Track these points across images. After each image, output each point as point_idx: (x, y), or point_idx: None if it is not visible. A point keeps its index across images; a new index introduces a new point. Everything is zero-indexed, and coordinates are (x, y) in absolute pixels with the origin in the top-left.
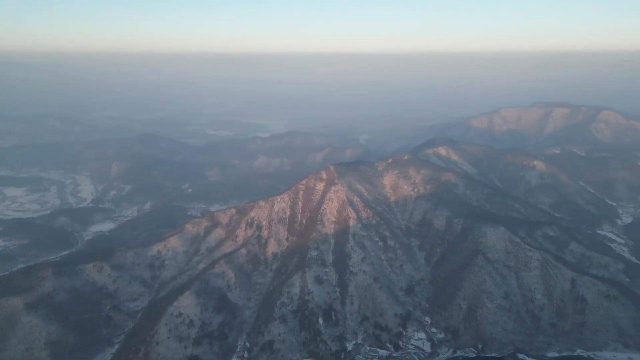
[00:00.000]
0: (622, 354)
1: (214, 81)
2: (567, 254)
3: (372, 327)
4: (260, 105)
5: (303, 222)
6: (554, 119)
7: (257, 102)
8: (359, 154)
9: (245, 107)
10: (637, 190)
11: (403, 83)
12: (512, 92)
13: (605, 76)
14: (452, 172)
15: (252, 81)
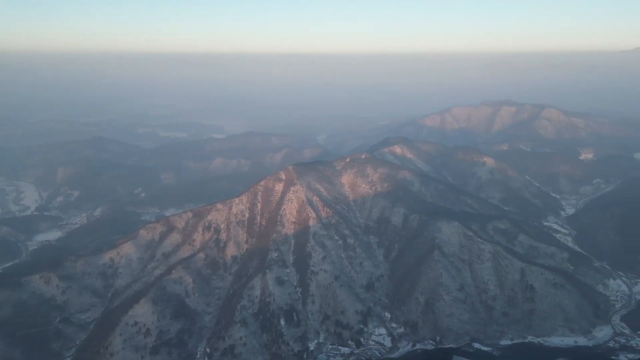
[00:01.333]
0: (568, 339)
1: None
2: (517, 246)
3: (333, 325)
4: (216, 105)
5: (262, 224)
6: (501, 117)
7: (213, 102)
8: (317, 154)
9: (200, 107)
10: (578, 183)
11: (359, 83)
12: (462, 92)
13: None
14: (408, 170)
15: (207, 81)
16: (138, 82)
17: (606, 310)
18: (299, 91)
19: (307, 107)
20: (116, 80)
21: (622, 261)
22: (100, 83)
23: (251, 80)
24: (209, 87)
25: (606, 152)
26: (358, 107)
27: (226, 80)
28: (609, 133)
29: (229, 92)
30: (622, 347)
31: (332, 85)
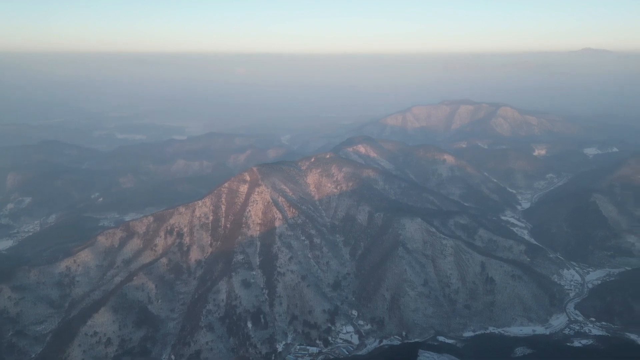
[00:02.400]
0: (527, 328)
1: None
2: (477, 240)
3: (301, 325)
4: (177, 106)
5: (227, 226)
6: (460, 115)
7: (173, 103)
8: (281, 154)
9: (159, 108)
10: (533, 178)
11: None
12: (422, 91)
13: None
14: (372, 168)
15: (167, 81)
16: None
17: (561, 299)
18: (262, 91)
19: (271, 107)
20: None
21: (574, 252)
22: (50, 84)
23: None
24: (169, 88)
25: (558, 148)
26: (321, 107)
27: (187, 81)
28: (560, 130)
29: (190, 92)
30: (576, 334)
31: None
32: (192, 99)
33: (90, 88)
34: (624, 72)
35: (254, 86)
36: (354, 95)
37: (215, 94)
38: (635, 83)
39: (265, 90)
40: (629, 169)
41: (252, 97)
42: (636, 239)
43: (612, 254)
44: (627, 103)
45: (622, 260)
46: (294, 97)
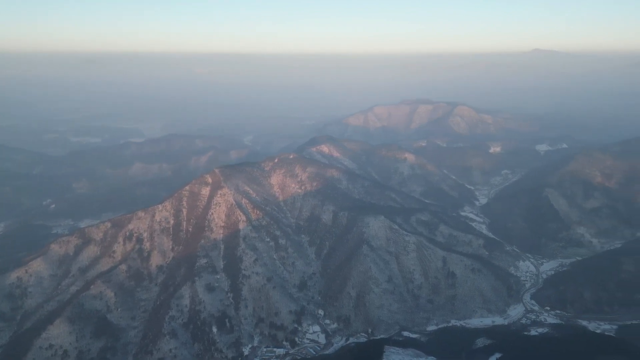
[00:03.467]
0: (487, 319)
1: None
2: (438, 235)
3: (268, 327)
4: (133, 108)
5: (189, 230)
6: (419, 114)
7: (129, 105)
8: (244, 155)
9: (114, 110)
10: (489, 174)
11: (283, 83)
12: (382, 91)
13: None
14: (335, 168)
15: (121, 82)
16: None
17: (518, 290)
18: (223, 92)
19: (232, 107)
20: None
21: (529, 244)
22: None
23: (171, 80)
24: (124, 89)
25: (512, 145)
26: (284, 107)
27: (143, 81)
28: (514, 127)
29: (146, 93)
30: (533, 323)
31: (257, 86)
32: (149, 100)
33: (41, 89)
34: (571, 72)
35: (215, 86)
36: (316, 95)
37: (173, 94)
38: (581, 81)
39: (226, 91)
40: (578, 164)
41: (213, 98)
42: (585, 230)
43: (563, 245)
44: (574, 101)
45: (573, 251)
46: (255, 97)
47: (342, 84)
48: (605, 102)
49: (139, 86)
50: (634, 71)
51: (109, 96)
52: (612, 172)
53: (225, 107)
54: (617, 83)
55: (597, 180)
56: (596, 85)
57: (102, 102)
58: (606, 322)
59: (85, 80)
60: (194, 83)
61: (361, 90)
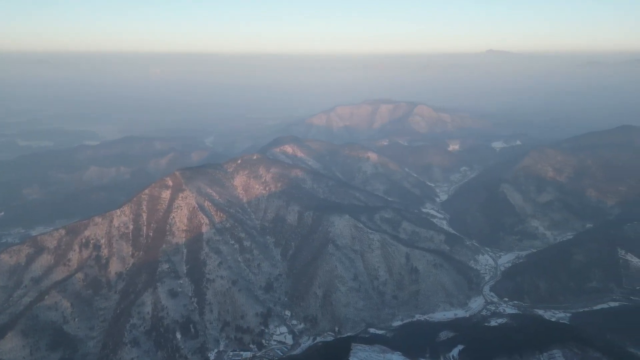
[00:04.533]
0: (449, 312)
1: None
2: (401, 232)
3: (234, 331)
4: (86, 110)
5: (150, 235)
6: (381, 114)
7: (82, 106)
8: (206, 157)
9: (66, 112)
10: (449, 171)
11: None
12: (344, 91)
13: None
14: (300, 168)
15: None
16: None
17: (478, 283)
18: (181, 92)
19: (192, 108)
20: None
21: (487, 238)
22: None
23: (126, 81)
24: (77, 90)
25: (469, 143)
26: (245, 107)
27: (96, 82)
28: (471, 126)
29: (100, 94)
30: (493, 314)
31: (217, 86)
32: (103, 101)
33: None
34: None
35: (172, 87)
36: (278, 95)
37: (130, 95)
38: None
39: (185, 91)
40: (531, 160)
41: (171, 98)
42: (539, 223)
43: (519, 238)
44: (527, 100)
45: (528, 243)
46: (216, 97)
47: (304, 84)
48: (555, 101)
49: (92, 87)
50: (582, 71)
51: (61, 98)
52: (562, 167)
53: (185, 108)
54: (567, 82)
55: (549, 175)
56: (547, 85)
57: (53, 103)
58: (560, 311)
59: (34, 82)
60: (151, 83)
61: (323, 90)
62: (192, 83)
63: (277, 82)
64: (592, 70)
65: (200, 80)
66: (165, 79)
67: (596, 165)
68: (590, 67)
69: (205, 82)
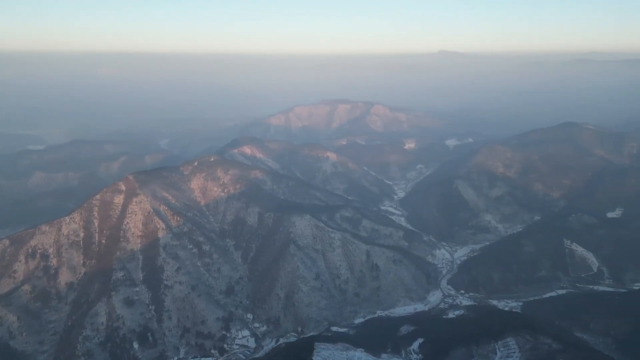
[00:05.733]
0: (409, 307)
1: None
2: (361, 230)
3: (194, 337)
4: (30, 112)
5: (102, 242)
6: (339, 114)
7: (22, 109)
8: (161, 160)
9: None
10: (405, 169)
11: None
12: (301, 91)
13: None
14: (259, 169)
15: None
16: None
17: (436, 277)
18: (132, 93)
19: (145, 110)
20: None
21: (444, 233)
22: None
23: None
24: (19, 91)
25: (424, 141)
26: (201, 108)
27: (41, 83)
28: (425, 124)
29: (45, 96)
30: (450, 306)
31: (171, 86)
32: (48, 103)
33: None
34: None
35: (122, 87)
36: (235, 96)
37: (76, 97)
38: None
39: (136, 92)
40: (482, 157)
41: (122, 100)
42: (491, 217)
43: (473, 232)
44: (477, 98)
45: (482, 237)
46: (169, 98)
47: (261, 84)
48: (503, 99)
49: (36, 88)
50: (527, 70)
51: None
52: (511, 163)
53: (137, 110)
54: (514, 81)
55: (500, 170)
56: (495, 84)
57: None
58: (513, 300)
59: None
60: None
61: (281, 90)
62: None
63: (234, 82)
64: (537, 69)
65: (152, 81)
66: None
67: (542, 160)
68: (535, 67)
69: (159, 82)
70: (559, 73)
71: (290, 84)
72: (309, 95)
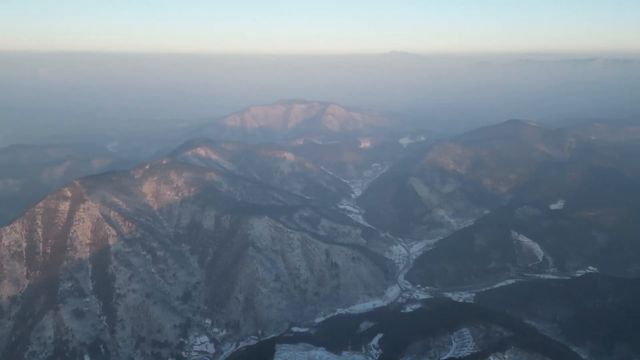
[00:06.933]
0: (368, 303)
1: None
2: (320, 229)
3: (150, 346)
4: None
5: (47, 252)
6: (295, 114)
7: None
8: (109, 164)
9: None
10: (362, 168)
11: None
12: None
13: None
14: (214, 171)
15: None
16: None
17: (393, 273)
18: (77, 94)
19: (90, 111)
20: None
21: (400, 229)
22: None
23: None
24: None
25: (379, 140)
26: (152, 109)
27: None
28: (379, 124)
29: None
30: (408, 301)
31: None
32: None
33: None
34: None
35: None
36: (187, 96)
37: (14, 99)
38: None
39: (82, 93)
40: (434, 154)
41: (65, 101)
42: (444, 212)
43: (428, 227)
44: (429, 98)
45: (436, 232)
46: (118, 100)
47: (214, 85)
48: (453, 98)
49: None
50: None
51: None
52: (462, 159)
53: (82, 112)
54: (462, 81)
55: (451, 167)
56: (445, 83)
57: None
58: (466, 292)
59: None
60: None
61: (234, 91)
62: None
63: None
64: (482, 69)
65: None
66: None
67: (490, 156)
68: (481, 67)
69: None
70: (503, 73)
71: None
72: (263, 96)
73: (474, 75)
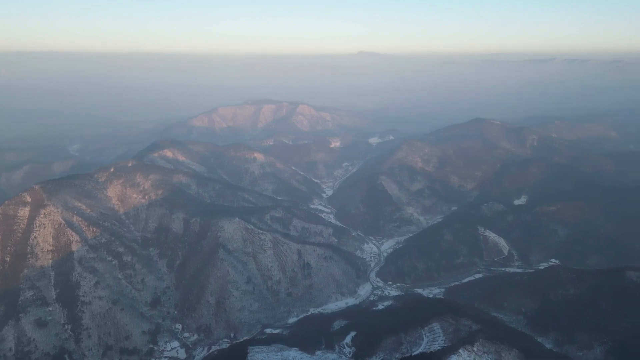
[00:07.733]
0: (341, 302)
1: None
2: (292, 230)
3: (118, 354)
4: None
5: (7, 260)
6: (264, 114)
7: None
8: (71, 167)
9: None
10: (332, 167)
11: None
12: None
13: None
14: (182, 173)
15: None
16: None
17: (365, 271)
18: (36, 95)
19: (51, 113)
20: None
21: (370, 227)
22: None
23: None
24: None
25: (349, 139)
26: (116, 110)
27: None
28: (349, 123)
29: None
30: (380, 298)
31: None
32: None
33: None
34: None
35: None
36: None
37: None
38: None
39: (41, 94)
40: (403, 153)
41: (23, 103)
42: (413, 210)
43: (398, 225)
44: (396, 97)
45: (406, 229)
46: (80, 100)
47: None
48: (419, 98)
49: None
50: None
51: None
52: (429, 157)
53: (41, 114)
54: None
55: (419, 165)
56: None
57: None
58: (436, 287)
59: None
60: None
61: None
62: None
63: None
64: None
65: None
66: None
67: (456, 154)
68: (446, 67)
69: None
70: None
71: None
72: (231, 96)
73: (441, 75)
